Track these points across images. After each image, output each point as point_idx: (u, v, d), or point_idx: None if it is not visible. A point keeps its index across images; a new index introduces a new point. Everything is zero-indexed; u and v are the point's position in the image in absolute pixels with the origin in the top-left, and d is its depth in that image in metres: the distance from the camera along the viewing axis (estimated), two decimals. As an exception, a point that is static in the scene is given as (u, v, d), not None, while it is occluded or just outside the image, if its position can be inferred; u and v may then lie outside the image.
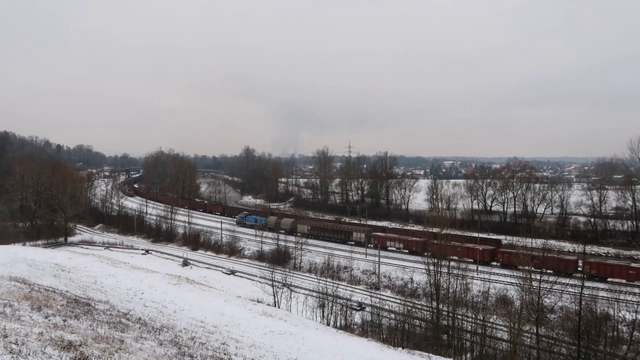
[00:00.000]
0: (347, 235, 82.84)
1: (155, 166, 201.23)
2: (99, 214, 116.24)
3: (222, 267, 66.50)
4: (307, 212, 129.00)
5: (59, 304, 25.79)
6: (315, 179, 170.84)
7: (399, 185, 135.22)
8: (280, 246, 71.77)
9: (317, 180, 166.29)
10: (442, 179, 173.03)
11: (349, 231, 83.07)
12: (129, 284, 51.43)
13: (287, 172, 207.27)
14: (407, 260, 69.10)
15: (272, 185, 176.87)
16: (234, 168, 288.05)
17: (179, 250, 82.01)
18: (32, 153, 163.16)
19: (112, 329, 20.28)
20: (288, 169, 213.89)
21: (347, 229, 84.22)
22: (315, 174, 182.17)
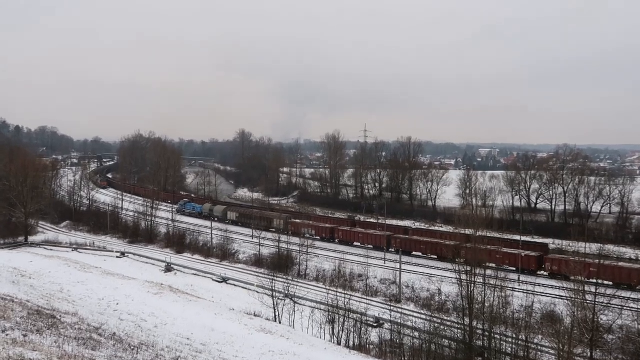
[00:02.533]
0: (269, 222, 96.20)
1: (133, 152, 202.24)
2: (65, 209, 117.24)
3: (212, 274, 66.82)
4: (313, 209, 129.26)
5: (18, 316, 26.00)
6: (324, 169, 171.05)
7: (424, 178, 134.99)
8: (283, 249, 71.99)
9: (326, 170, 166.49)
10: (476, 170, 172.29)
11: (270, 218, 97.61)
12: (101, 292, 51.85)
13: (291, 160, 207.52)
14: (434, 268, 69.04)
15: (272, 176, 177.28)
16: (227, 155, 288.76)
17: (161, 253, 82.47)
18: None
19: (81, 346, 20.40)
20: (291, 157, 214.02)
21: (269, 216, 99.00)
22: (324, 163, 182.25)
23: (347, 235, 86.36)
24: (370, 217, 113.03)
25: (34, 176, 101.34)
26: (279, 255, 71.78)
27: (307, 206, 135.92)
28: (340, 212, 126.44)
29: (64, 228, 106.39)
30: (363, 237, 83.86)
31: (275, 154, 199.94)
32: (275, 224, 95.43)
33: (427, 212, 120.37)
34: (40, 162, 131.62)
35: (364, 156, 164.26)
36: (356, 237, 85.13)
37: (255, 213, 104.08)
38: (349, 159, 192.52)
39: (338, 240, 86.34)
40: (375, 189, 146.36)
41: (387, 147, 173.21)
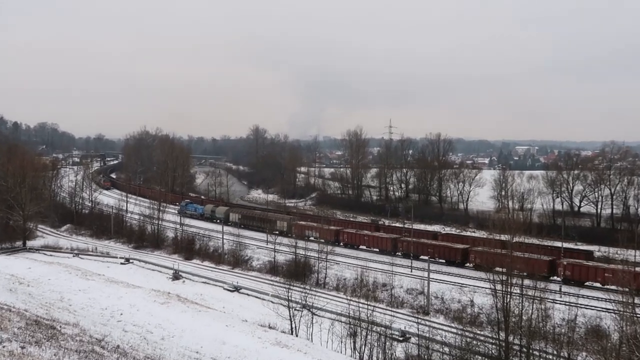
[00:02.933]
0: (272, 224, 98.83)
1: (139, 151, 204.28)
2: (66, 212, 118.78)
3: (223, 282, 67.11)
4: (333, 212, 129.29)
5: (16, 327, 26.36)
6: (345, 169, 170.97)
7: (455, 178, 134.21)
8: (300, 255, 72.00)
9: (347, 170, 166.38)
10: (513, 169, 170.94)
11: (273, 220, 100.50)
12: (104, 302, 52.36)
13: (309, 159, 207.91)
14: (466, 277, 68.53)
15: (288, 176, 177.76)
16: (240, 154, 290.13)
17: (168, 259, 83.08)
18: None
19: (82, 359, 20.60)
20: (309, 156, 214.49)
21: (272, 218, 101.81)
22: (345, 162, 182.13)
23: (353, 238, 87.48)
24: (396, 221, 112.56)
25: (32, 176, 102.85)
26: (296, 262, 71.79)
27: (326, 209, 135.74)
28: (363, 216, 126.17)
29: (65, 232, 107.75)
30: (369, 240, 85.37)
31: (291, 152, 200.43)
32: (278, 226, 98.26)
33: (458, 216, 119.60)
34: (40, 161, 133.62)
35: (388, 154, 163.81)
36: (361, 240, 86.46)
37: (258, 214, 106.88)
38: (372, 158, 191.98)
39: (343, 243, 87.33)
40: (401, 191, 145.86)
41: (414, 145, 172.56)
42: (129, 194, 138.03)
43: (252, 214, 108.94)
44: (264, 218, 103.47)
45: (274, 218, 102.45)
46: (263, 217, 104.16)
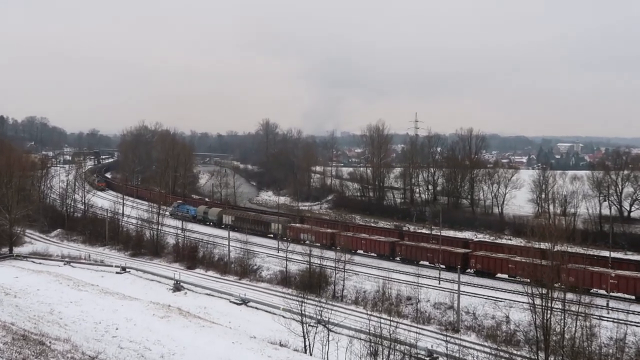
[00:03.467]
0: (265, 227, 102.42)
1: (136, 148, 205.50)
2: (56, 216, 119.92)
3: (229, 294, 67.35)
4: (352, 217, 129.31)
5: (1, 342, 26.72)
6: (365, 168, 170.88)
7: (489, 179, 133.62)
8: (315, 265, 72.05)
9: (367, 169, 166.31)
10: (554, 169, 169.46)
11: (267, 222, 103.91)
12: (98, 315, 52.74)
13: (325, 157, 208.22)
14: (501, 290, 68.15)
15: (302, 176, 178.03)
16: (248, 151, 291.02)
17: (168, 268, 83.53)
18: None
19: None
20: (326, 153, 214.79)
21: (266, 220, 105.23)
22: (366, 161, 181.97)
23: (350, 242, 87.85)
24: (422, 226, 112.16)
25: (20, 176, 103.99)
26: (310, 272, 71.80)
27: (344, 213, 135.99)
28: (385, 221, 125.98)
29: (55, 238, 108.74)
30: (366, 244, 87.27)
31: (306, 150, 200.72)
32: (272, 228, 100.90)
33: (492, 222, 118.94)
34: (28, 159, 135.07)
35: (414, 152, 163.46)
36: (359, 243, 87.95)
37: (252, 216, 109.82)
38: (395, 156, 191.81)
39: (339, 247, 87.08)
40: (427, 193, 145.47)
41: (442, 142, 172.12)
42: (125, 195, 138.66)
43: (246, 215, 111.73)
44: (258, 220, 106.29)
45: (268, 220, 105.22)
46: (257, 219, 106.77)
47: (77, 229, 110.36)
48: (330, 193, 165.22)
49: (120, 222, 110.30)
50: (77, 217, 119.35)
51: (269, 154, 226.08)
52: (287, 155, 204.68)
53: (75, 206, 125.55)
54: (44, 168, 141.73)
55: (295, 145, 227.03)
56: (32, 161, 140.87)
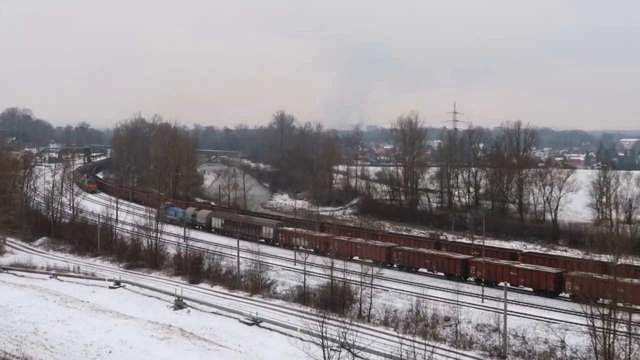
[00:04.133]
0: (256, 231, 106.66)
1: (132, 144, 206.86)
2: (41, 222, 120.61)
3: (239, 313, 67.40)
4: (380, 224, 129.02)
5: (-20, 366, 26.93)
6: (396, 167, 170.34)
7: (540, 180, 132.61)
8: (337, 279, 71.91)
9: (398, 169, 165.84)
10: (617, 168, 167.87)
11: (258, 226, 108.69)
12: (88, 336, 53.08)
13: (349, 155, 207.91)
14: (554, 309, 67.60)
15: (322, 177, 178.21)
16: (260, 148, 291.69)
17: (169, 282, 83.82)
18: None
19: (62, 409, 20.88)
20: (350, 150, 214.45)
21: (257, 223, 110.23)
22: (396, 159, 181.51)
23: (344, 247, 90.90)
24: (462, 235, 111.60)
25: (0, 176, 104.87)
26: (332, 287, 71.67)
27: (371, 219, 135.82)
28: (419, 228, 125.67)
29: (40, 247, 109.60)
30: (361, 250, 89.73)
31: (327, 146, 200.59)
32: (264, 232, 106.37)
33: (544, 230, 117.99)
34: (9, 157, 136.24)
35: (452, 149, 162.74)
36: (354, 249, 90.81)
37: (243, 219, 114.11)
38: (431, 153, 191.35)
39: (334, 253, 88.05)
40: (468, 196, 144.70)
41: (485, 137, 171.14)
42: (119, 198, 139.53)
43: (236, 218, 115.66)
44: (249, 223, 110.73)
45: (259, 223, 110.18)
46: (247, 223, 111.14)
47: (65, 237, 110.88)
48: (355, 196, 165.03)
49: (114, 229, 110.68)
50: (65, 224, 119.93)
51: (284, 151, 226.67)
52: (305, 152, 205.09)
53: (63, 211, 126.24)
54: (27, 167, 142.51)
55: (314, 141, 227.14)
56: (14, 159, 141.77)
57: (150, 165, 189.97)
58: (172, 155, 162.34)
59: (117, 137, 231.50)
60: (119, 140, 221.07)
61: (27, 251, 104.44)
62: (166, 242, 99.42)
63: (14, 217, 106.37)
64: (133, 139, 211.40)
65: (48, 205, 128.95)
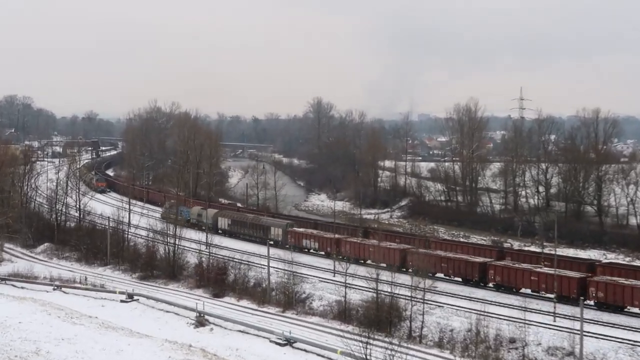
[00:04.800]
0: (265, 232, 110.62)
1: (147, 136, 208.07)
2: (44, 226, 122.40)
3: (269, 332, 67.45)
4: (434, 229, 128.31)
5: (-26, 391, 27.21)
6: (452, 163, 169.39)
7: (623, 178, 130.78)
8: (383, 294, 71.69)
9: (454, 165, 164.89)
10: None
11: (266, 226, 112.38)
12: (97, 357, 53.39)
13: (397, 148, 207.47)
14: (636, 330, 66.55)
15: (366, 174, 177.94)
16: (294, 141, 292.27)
17: (189, 295, 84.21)
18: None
19: None
20: (398, 143, 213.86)
21: (265, 224, 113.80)
22: (452, 154, 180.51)
23: (356, 249, 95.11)
24: (530, 242, 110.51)
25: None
26: (378, 303, 71.49)
27: (423, 223, 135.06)
28: (479, 234, 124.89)
29: (42, 254, 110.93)
30: (374, 252, 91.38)
31: (371, 138, 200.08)
32: (272, 233, 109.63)
33: (627, 237, 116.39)
34: (7, 152, 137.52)
35: (518, 141, 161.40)
36: (366, 251, 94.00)
37: (250, 219, 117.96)
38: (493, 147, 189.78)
39: (345, 255, 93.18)
40: (537, 197, 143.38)
41: (558, 127, 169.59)
42: (132, 199, 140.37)
43: (244, 218, 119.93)
44: (256, 224, 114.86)
45: (267, 224, 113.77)
46: (255, 223, 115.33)
47: (71, 243, 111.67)
48: (404, 197, 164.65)
49: (126, 234, 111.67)
50: (70, 228, 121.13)
51: (321, 144, 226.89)
52: (346, 145, 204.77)
53: (68, 213, 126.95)
54: (27, 163, 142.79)
55: (356, 132, 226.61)
56: (12, 154, 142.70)
57: (168, 161, 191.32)
58: (192, 149, 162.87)
59: (130, 128, 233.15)
60: (132, 132, 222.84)
61: (27, 259, 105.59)
62: (186, 249, 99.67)
63: (13, 220, 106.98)
64: (148, 130, 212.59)
65: (51, 207, 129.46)
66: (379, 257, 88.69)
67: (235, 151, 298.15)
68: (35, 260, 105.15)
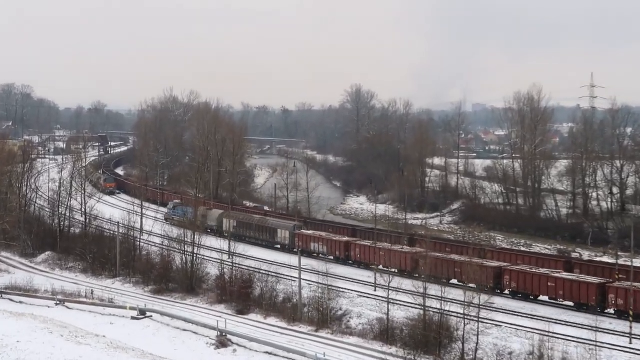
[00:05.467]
0: (272, 235, 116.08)
1: (161, 130, 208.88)
2: (45, 232, 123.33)
3: (301, 354, 67.49)
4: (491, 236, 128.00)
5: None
6: (512, 161, 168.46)
7: None
8: (431, 310, 71.68)
9: (514, 162, 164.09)
10: None
11: (273, 228, 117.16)
12: (105, 382, 54.03)
13: (447, 143, 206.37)
14: None
15: (412, 173, 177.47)
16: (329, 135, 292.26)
17: (209, 312, 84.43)
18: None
19: None
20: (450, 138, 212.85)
21: (272, 225, 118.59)
22: (512, 149, 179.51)
23: (366, 254, 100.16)
24: (603, 252, 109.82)
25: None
26: (425, 322, 71.45)
27: (478, 230, 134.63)
28: (543, 242, 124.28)
29: (43, 264, 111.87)
30: (385, 257, 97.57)
31: (418, 132, 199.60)
32: (279, 236, 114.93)
33: None
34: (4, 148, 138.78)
35: (589, 136, 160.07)
36: (377, 256, 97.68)
37: (257, 221, 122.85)
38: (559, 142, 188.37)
39: (354, 260, 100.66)
40: (611, 200, 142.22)
41: (634, 118, 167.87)
42: (145, 202, 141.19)
43: (249, 219, 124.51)
44: (263, 226, 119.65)
45: (274, 225, 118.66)
46: (261, 225, 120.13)
47: (75, 252, 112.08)
48: (457, 199, 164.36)
49: (138, 241, 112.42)
50: (75, 234, 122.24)
51: (361, 138, 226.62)
52: (389, 140, 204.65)
53: (73, 218, 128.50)
54: (26, 161, 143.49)
55: (401, 125, 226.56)
56: (9, 150, 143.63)
57: (185, 158, 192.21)
58: (213, 144, 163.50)
59: (142, 121, 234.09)
60: (145, 125, 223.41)
61: (26, 270, 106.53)
62: (206, 259, 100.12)
63: (10, 226, 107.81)
64: (162, 123, 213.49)
65: (53, 211, 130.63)
66: (391, 262, 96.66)
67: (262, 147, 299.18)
68: (35, 271, 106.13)
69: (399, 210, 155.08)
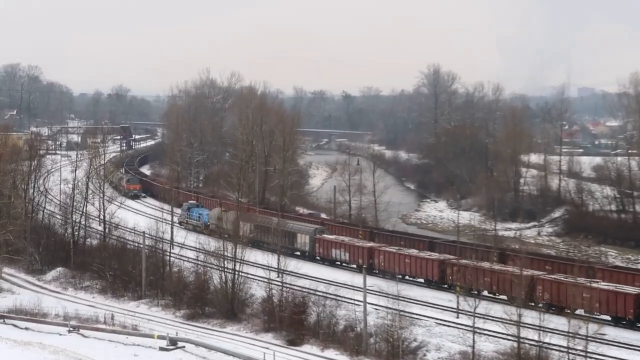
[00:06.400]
0: (290, 239, 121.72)
1: (196, 120, 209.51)
2: (56, 244, 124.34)
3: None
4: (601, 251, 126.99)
5: None
6: (627, 157, 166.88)
7: None
8: (527, 342, 71.22)
9: (631, 160, 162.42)
10: None
11: (292, 232, 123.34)
12: None
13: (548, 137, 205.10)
14: None
15: (503, 173, 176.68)
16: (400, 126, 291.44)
17: (253, 342, 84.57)
18: None
19: None
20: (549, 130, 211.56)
21: (292, 229, 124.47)
22: (627, 144, 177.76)
23: (391, 261, 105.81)
24: None
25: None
26: (520, 356, 71.09)
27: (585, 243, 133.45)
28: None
29: (53, 283, 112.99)
30: (410, 264, 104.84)
31: (510, 123, 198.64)
32: (299, 241, 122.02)
33: None
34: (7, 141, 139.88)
35: None
36: (402, 263, 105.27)
37: (275, 224, 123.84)
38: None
39: (378, 268, 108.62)
40: None
41: None
42: (177, 207, 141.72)
43: (267, 223, 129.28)
44: (281, 229, 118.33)
45: (293, 229, 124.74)
46: (280, 228, 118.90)
47: (92, 268, 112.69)
48: (558, 205, 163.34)
49: (168, 256, 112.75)
50: (92, 247, 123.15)
51: (440, 130, 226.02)
52: (475, 132, 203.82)
53: (89, 227, 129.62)
54: (34, 157, 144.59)
55: (489, 113, 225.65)
56: (14, 145, 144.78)
57: (225, 155, 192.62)
58: (259, 137, 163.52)
59: (173, 108, 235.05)
60: (176, 113, 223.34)
61: (33, 289, 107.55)
62: (250, 278, 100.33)
63: (14, 237, 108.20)
64: (197, 112, 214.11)
65: (66, 218, 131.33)
66: (417, 271, 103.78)
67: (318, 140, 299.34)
68: (44, 291, 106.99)
69: (487, 219, 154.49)
